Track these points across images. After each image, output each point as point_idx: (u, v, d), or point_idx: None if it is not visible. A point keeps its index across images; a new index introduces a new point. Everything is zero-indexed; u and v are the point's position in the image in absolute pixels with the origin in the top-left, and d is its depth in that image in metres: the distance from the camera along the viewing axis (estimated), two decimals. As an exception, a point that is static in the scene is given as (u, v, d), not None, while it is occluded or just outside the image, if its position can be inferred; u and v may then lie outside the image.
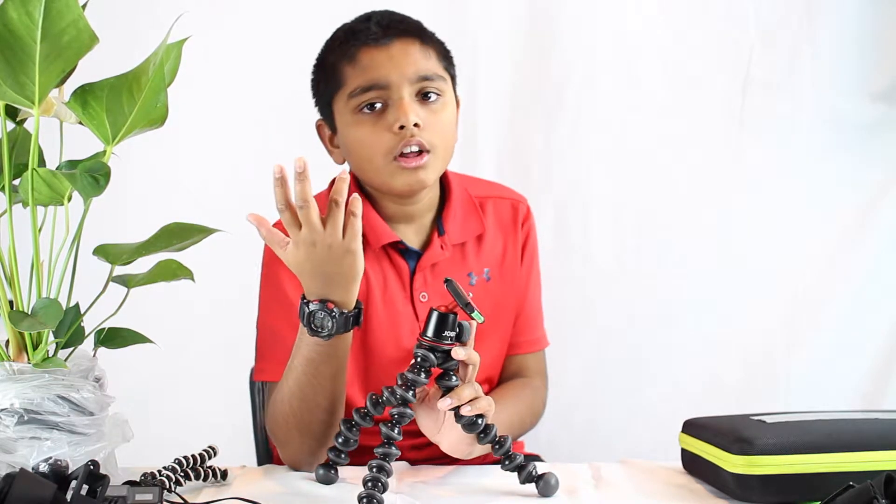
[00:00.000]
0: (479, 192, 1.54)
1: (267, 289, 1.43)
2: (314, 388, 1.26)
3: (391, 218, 1.46)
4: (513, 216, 1.54)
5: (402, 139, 1.36)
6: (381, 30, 1.40)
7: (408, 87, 1.37)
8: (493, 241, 1.51)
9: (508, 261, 1.52)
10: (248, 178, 2.17)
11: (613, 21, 2.32)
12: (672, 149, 2.33)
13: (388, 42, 1.39)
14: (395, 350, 1.43)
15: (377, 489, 1.12)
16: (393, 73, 1.37)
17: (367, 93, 1.37)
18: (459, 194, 1.50)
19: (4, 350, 1.15)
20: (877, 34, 2.28)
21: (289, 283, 1.39)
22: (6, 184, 1.15)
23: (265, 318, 1.44)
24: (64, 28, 1.05)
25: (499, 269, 1.50)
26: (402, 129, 1.36)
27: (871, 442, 1.17)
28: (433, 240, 1.46)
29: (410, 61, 1.38)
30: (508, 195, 1.56)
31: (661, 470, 1.33)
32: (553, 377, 1.62)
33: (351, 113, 1.39)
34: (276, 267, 1.39)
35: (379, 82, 1.37)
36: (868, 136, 2.31)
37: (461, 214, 1.49)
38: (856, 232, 2.31)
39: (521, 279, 1.53)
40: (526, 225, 1.55)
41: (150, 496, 1.02)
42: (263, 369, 1.41)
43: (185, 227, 1.21)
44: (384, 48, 1.39)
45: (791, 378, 2.32)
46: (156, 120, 1.15)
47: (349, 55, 1.39)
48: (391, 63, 1.38)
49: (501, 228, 1.53)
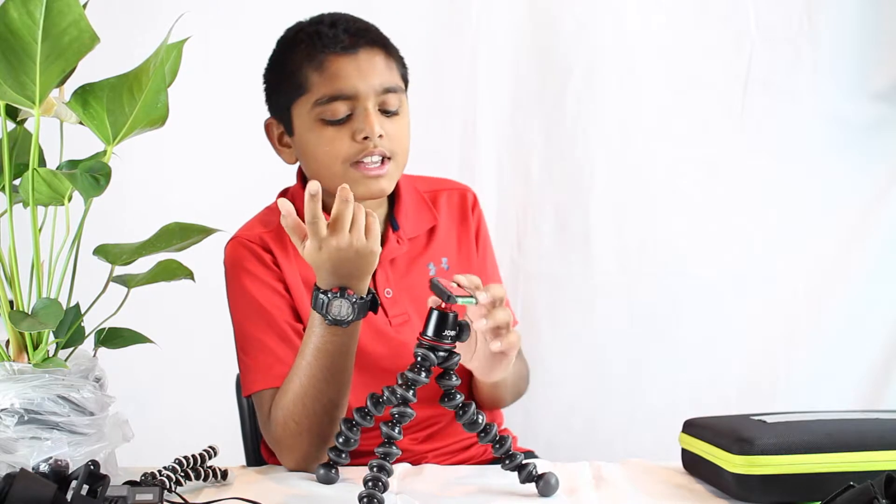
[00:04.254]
0: (427, 186, 1.56)
1: (236, 302, 1.44)
2: (328, 382, 1.27)
3: None
4: (461, 204, 1.57)
5: (365, 149, 1.38)
6: (348, 37, 1.40)
7: (373, 97, 1.39)
8: (446, 231, 1.53)
9: (464, 248, 1.55)
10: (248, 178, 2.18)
11: (613, 21, 2.32)
12: (672, 149, 2.33)
13: (356, 51, 1.39)
14: (372, 348, 1.43)
15: (378, 489, 1.12)
16: (360, 83, 1.38)
17: (334, 102, 1.38)
18: (408, 191, 1.52)
19: (5, 350, 1.15)
20: (877, 34, 2.28)
21: (256, 289, 1.41)
22: (6, 184, 1.15)
23: (243, 330, 1.43)
24: (65, 28, 1.06)
25: (456, 257, 1.54)
26: (365, 140, 1.38)
27: (871, 442, 1.17)
28: (388, 236, 1.48)
29: (377, 72, 1.40)
30: (456, 186, 1.60)
31: (661, 470, 1.33)
32: (553, 377, 1.62)
33: (313, 119, 1.40)
34: (239, 279, 1.42)
35: (346, 92, 1.38)
36: (868, 136, 2.31)
37: (412, 209, 1.51)
38: (856, 232, 2.31)
39: (477, 263, 1.56)
40: (476, 211, 1.58)
41: (150, 496, 1.02)
42: (255, 380, 1.39)
43: (185, 227, 1.21)
44: (352, 57, 1.39)
45: (791, 378, 2.32)
46: (156, 120, 1.16)
47: (316, 61, 1.39)
48: (358, 73, 1.38)
49: (453, 218, 1.56)
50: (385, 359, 1.41)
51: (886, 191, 2.30)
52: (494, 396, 1.48)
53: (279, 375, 1.34)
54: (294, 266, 1.43)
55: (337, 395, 1.28)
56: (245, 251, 1.43)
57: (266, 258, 1.42)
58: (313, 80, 1.39)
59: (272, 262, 1.42)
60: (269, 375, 1.36)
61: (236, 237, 1.45)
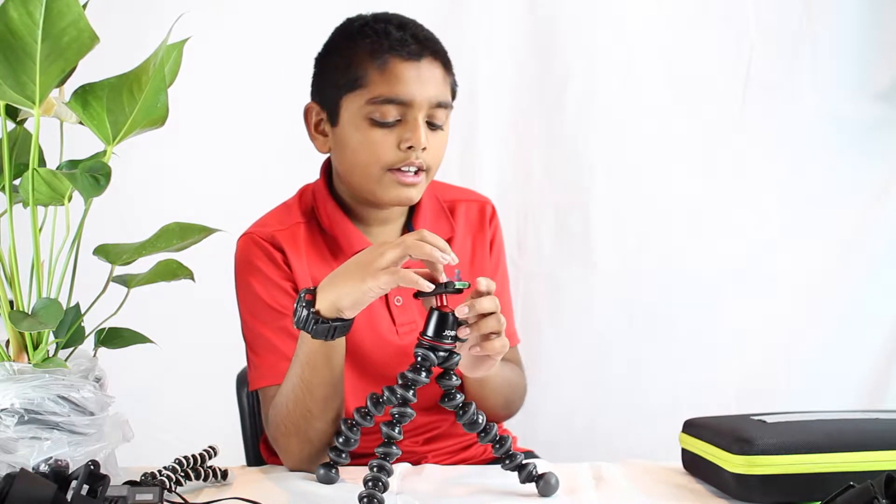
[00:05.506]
0: (448, 196, 1.56)
1: (245, 298, 1.44)
2: (311, 392, 1.26)
3: (363, 221, 1.47)
4: (480, 217, 1.56)
5: (406, 158, 1.37)
6: (415, 44, 1.39)
7: (425, 109, 1.38)
8: (462, 242, 1.52)
9: (478, 260, 1.54)
10: (248, 178, 2.18)
11: (613, 21, 2.32)
12: (672, 149, 2.33)
13: (420, 59, 1.38)
14: (377, 355, 1.43)
15: (378, 489, 1.12)
16: (417, 92, 1.37)
17: (388, 104, 1.37)
18: (429, 198, 1.51)
19: (5, 350, 1.15)
20: (877, 34, 2.28)
21: (264, 287, 1.40)
22: (6, 184, 1.15)
23: (249, 326, 1.43)
24: (64, 28, 1.06)
25: (469, 269, 1.52)
26: (409, 149, 1.37)
27: (871, 442, 1.17)
28: None
29: (434, 84, 1.39)
30: (475, 198, 1.58)
31: (661, 470, 1.33)
32: (553, 377, 1.62)
33: (363, 117, 1.38)
34: (248, 275, 1.42)
35: (402, 97, 1.37)
36: (868, 136, 2.31)
37: (431, 217, 1.51)
38: (856, 232, 2.31)
39: (490, 276, 1.53)
40: (493, 224, 1.57)
41: (150, 496, 1.02)
42: (260, 376, 1.39)
43: (185, 227, 1.21)
44: (415, 64, 1.38)
45: (791, 378, 2.33)
46: (156, 120, 1.15)
47: (380, 59, 1.38)
48: (418, 81, 1.37)
49: (470, 229, 1.55)
50: (388, 366, 1.41)
51: (886, 191, 2.30)
52: (481, 396, 1.46)
53: (281, 373, 1.34)
54: (305, 266, 1.42)
55: (318, 408, 1.27)
56: (256, 248, 1.42)
57: (277, 256, 1.42)
58: (373, 77, 1.38)
59: (282, 261, 1.42)
60: (273, 372, 1.36)
61: (248, 233, 1.44)
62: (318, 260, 1.44)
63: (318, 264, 1.43)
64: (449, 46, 1.45)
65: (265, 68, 2.23)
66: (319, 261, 1.43)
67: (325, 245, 1.45)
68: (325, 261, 1.43)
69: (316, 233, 1.46)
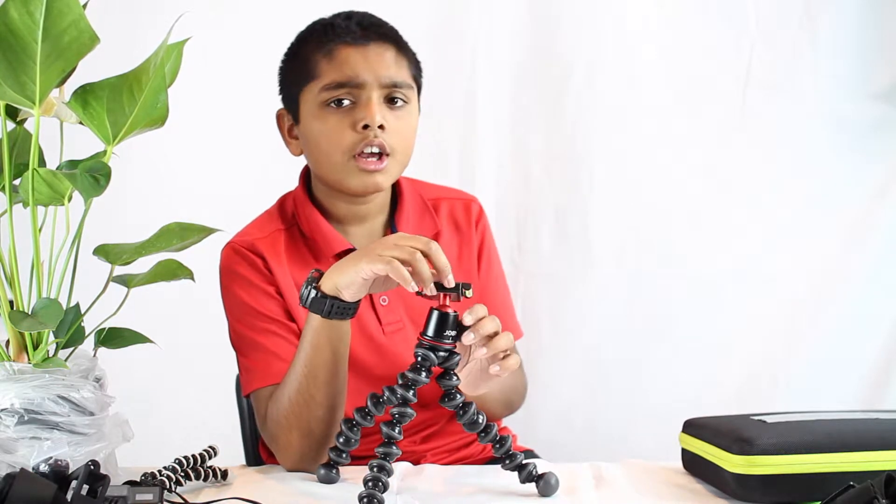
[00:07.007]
0: (431, 194, 1.55)
1: (230, 305, 1.45)
2: (314, 375, 1.26)
3: (342, 220, 1.47)
4: (466, 216, 1.55)
5: (365, 139, 1.38)
6: (360, 30, 1.42)
7: (378, 89, 1.40)
8: (448, 241, 1.52)
9: (465, 260, 1.53)
10: (248, 178, 2.18)
11: (613, 21, 2.32)
12: (672, 149, 2.33)
13: (366, 43, 1.41)
14: (364, 354, 1.43)
15: (378, 489, 1.12)
16: (367, 73, 1.39)
17: (339, 89, 1.39)
18: (411, 196, 1.51)
19: (5, 350, 1.15)
20: (877, 34, 2.28)
21: (247, 292, 1.42)
22: (6, 184, 1.15)
23: (238, 333, 1.44)
24: (65, 28, 1.06)
25: (455, 267, 1.51)
26: (365, 129, 1.38)
27: (871, 442, 1.17)
28: None
29: (384, 65, 1.41)
30: (461, 196, 1.58)
31: (661, 470, 1.33)
32: (554, 377, 1.62)
33: (318, 106, 1.41)
34: (231, 283, 1.44)
35: (352, 80, 1.39)
36: (868, 136, 2.31)
37: (414, 216, 1.50)
38: (856, 232, 2.31)
39: (479, 281, 1.54)
40: (480, 224, 1.56)
41: (150, 496, 1.02)
42: (252, 379, 1.40)
43: (185, 227, 1.21)
44: (361, 48, 1.41)
45: (791, 378, 2.32)
46: (156, 120, 1.15)
47: (326, 49, 1.41)
48: (366, 63, 1.40)
49: (456, 229, 1.54)
50: (376, 366, 1.42)
51: (886, 191, 2.30)
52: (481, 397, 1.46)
53: (274, 373, 1.35)
54: (286, 271, 1.44)
55: (324, 397, 1.27)
56: (237, 257, 1.44)
57: (257, 262, 1.43)
58: (322, 66, 1.41)
59: (264, 267, 1.43)
60: (265, 374, 1.37)
61: (230, 243, 1.46)
62: (300, 264, 1.45)
63: (300, 269, 1.44)
64: (449, 46, 1.45)
65: (265, 68, 2.20)
66: (301, 265, 1.45)
67: (306, 249, 1.46)
68: (307, 265, 1.44)
69: (297, 238, 1.47)
